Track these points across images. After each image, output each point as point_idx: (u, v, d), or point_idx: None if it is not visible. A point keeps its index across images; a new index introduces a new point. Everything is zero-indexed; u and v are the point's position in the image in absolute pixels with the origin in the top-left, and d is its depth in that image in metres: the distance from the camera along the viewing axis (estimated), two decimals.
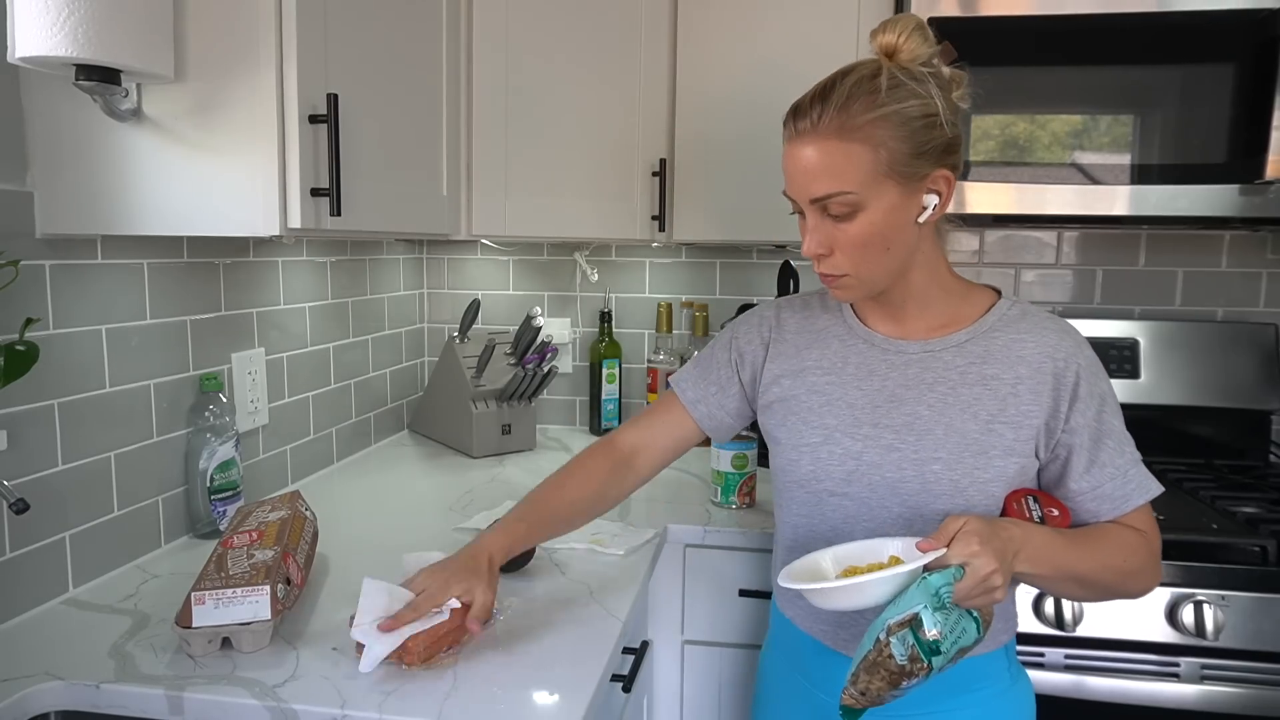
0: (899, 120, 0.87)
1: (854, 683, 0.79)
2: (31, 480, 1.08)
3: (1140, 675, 1.32)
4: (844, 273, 0.93)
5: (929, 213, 0.92)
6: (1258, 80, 1.43)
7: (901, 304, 1.00)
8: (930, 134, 0.88)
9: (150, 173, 1.03)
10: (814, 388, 1.02)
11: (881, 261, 0.92)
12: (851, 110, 0.86)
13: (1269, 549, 1.32)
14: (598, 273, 2.13)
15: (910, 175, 0.89)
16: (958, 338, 0.98)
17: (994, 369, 0.96)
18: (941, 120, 0.89)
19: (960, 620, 0.78)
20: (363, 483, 1.69)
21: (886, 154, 0.87)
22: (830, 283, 0.96)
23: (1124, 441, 0.96)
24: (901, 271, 0.96)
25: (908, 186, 0.89)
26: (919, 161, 0.88)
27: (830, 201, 0.89)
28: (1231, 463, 1.79)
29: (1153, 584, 0.96)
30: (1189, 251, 1.91)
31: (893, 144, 0.87)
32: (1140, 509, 0.96)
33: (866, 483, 0.97)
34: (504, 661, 0.96)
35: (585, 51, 1.62)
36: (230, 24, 0.99)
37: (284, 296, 1.60)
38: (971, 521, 0.81)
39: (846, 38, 1.63)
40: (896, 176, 0.88)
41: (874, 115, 0.86)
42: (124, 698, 0.90)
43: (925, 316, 1.00)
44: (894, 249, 0.92)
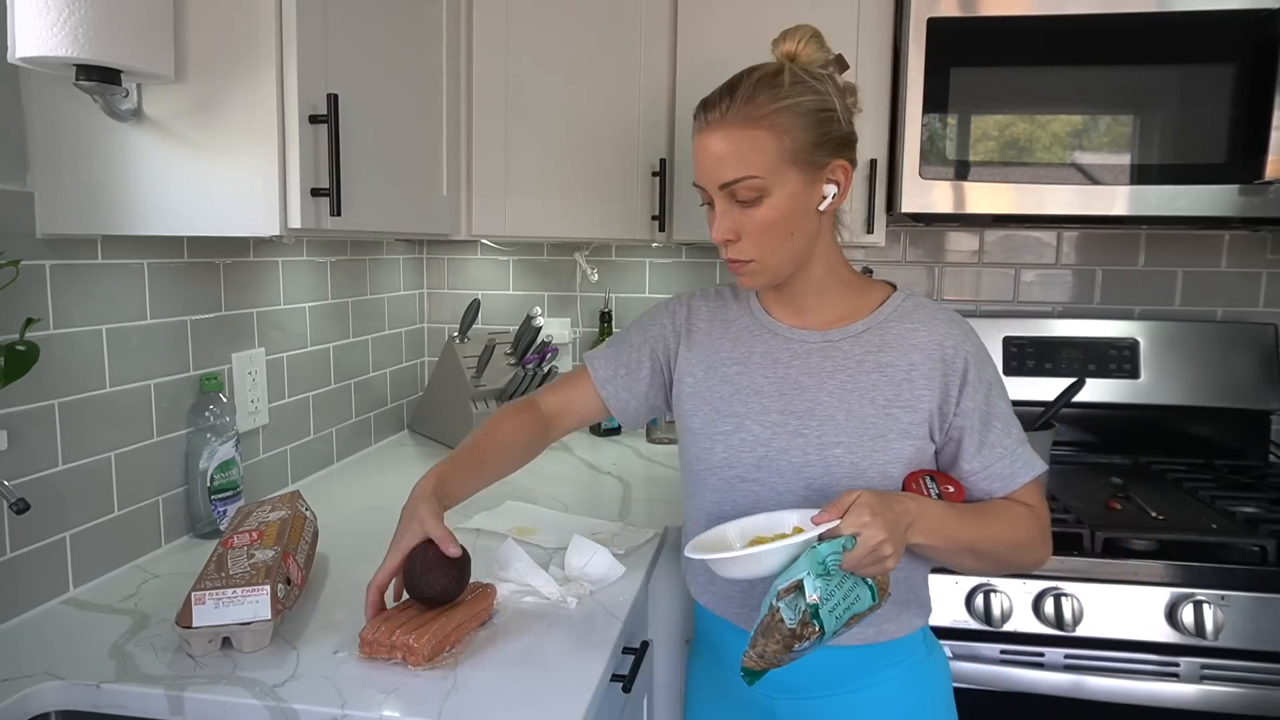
0: (800, 111, 0.93)
1: (752, 646, 0.84)
2: (31, 480, 1.08)
3: (1140, 675, 1.32)
4: (750, 258, 0.98)
5: (829, 201, 0.98)
6: (1258, 80, 1.43)
7: (802, 296, 1.05)
8: (829, 126, 0.95)
9: (150, 173, 1.03)
10: (725, 378, 1.07)
11: (785, 247, 0.98)
12: (757, 101, 0.93)
13: (1269, 549, 1.32)
14: (598, 273, 2.13)
15: (811, 164, 0.95)
16: (855, 328, 1.03)
17: (889, 356, 1.00)
18: (838, 115, 0.96)
19: (854, 588, 0.83)
20: (363, 483, 1.69)
21: (790, 141, 0.93)
22: (737, 269, 1.00)
23: (1010, 423, 1.01)
24: (803, 259, 1.01)
25: (809, 174, 0.95)
26: (819, 151, 0.95)
27: (738, 186, 0.94)
28: (1231, 463, 1.79)
29: (1044, 557, 1.01)
30: (1189, 251, 1.91)
31: (796, 132, 0.93)
32: (1028, 486, 1.00)
33: (774, 468, 1.02)
34: (504, 661, 0.97)
35: (585, 51, 1.62)
36: (230, 24, 0.99)
37: (284, 296, 1.60)
38: (865, 495, 0.86)
39: (847, 37, 1.63)
40: (799, 164, 0.94)
41: (778, 105, 0.93)
42: (124, 698, 0.90)
43: (824, 309, 1.05)
44: (796, 235, 0.97)
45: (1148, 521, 1.43)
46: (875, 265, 2.00)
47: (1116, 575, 1.33)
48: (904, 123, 1.56)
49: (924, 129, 1.55)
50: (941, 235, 1.99)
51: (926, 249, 2.00)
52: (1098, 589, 1.33)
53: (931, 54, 1.53)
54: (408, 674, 0.93)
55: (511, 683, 0.92)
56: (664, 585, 1.47)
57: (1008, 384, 1.84)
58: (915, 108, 1.54)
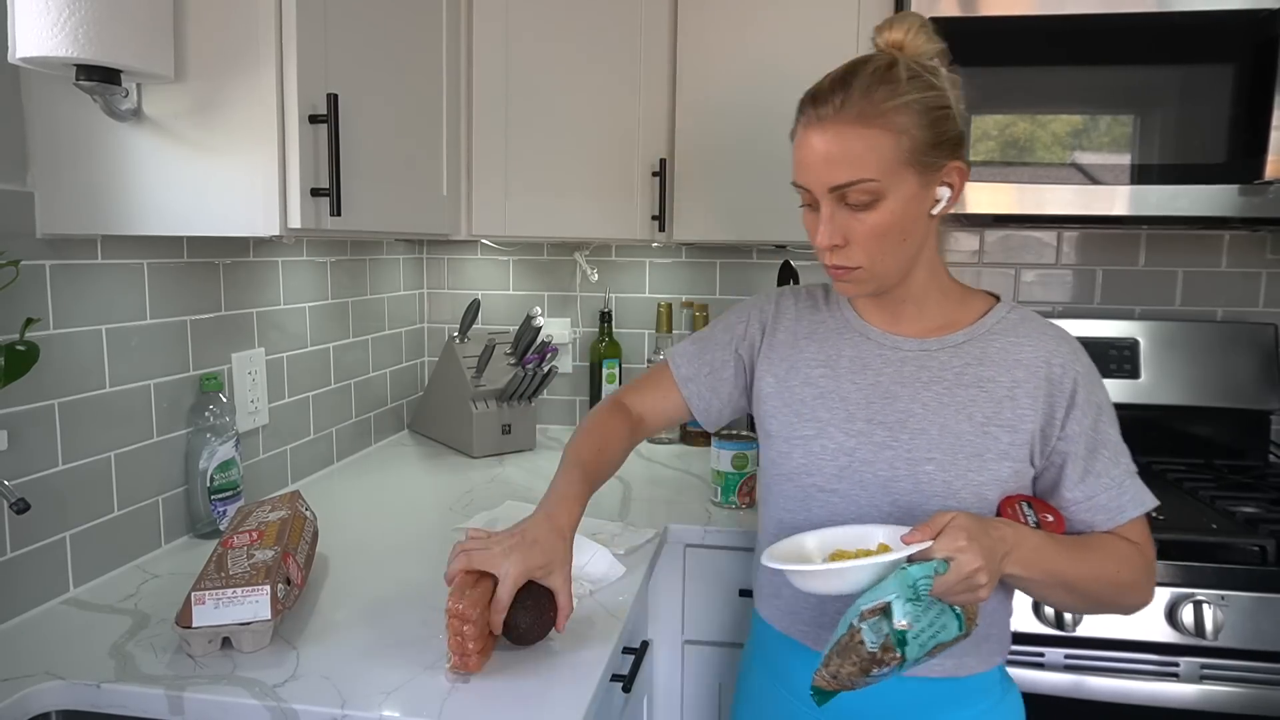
0: (920, 108, 0.87)
1: (826, 664, 0.78)
2: (31, 480, 1.08)
3: (1140, 675, 1.32)
4: (858, 264, 0.92)
5: (942, 204, 0.92)
6: (1258, 80, 1.43)
7: (900, 303, 0.99)
8: (945, 125, 0.89)
9: (150, 173, 1.03)
10: (808, 380, 1.02)
11: (897, 252, 0.91)
12: (875, 97, 0.86)
13: (1269, 549, 1.32)
14: (598, 273, 2.13)
15: (928, 165, 0.89)
16: (954, 339, 0.98)
17: (990, 371, 0.95)
18: (953, 113, 0.90)
19: (941, 615, 0.77)
20: (363, 483, 1.69)
21: (908, 141, 0.87)
22: (841, 275, 0.93)
23: (1120, 452, 0.95)
24: (911, 267, 0.95)
25: (925, 177, 0.89)
26: (936, 152, 0.89)
27: (851, 189, 0.88)
28: (1231, 463, 1.79)
29: (1146, 599, 0.95)
30: (1189, 251, 1.91)
31: (914, 131, 0.87)
32: (1135, 521, 0.95)
33: (858, 480, 0.96)
34: (504, 661, 0.96)
35: (585, 52, 1.62)
36: (230, 24, 0.99)
37: (284, 296, 1.60)
38: (961, 517, 0.80)
39: (847, 37, 1.63)
40: (917, 165, 0.88)
41: (897, 102, 0.86)
42: (124, 698, 0.90)
43: (922, 318, 1.00)
44: (909, 240, 0.91)
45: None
46: None
47: None
48: None
49: None
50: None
51: None
52: None
53: None
54: (407, 674, 0.93)
55: (511, 682, 0.92)
56: (664, 585, 1.47)
57: None
58: None
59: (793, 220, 1.65)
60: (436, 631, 1.03)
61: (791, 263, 1.84)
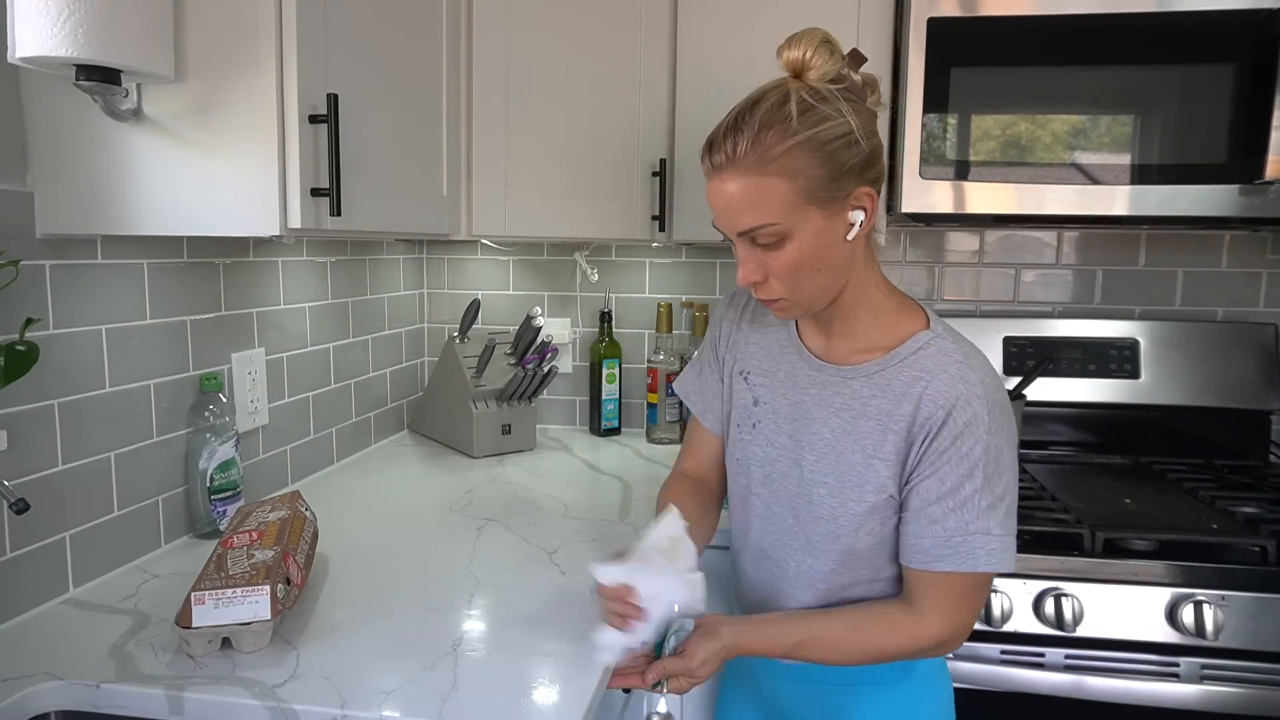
0: (814, 146, 0.86)
1: None
2: (31, 480, 1.08)
3: (1140, 675, 1.32)
4: (779, 296, 0.95)
5: (856, 229, 0.92)
6: (1258, 80, 1.43)
7: (829, 322, 1.02)
8: (847, 153, 0.88)
9: (150, 173, 1.03)
10: (752, 385, 1.08)
11: (814, 282, 0.93)
12: (765, 142, 0.86)
13: (1269, 549, 1.32)
14: (598, 273, 2.13)
15: (831, 199, 0.89)
16: (870, 367, 0.98)
17: (889, 404, 0.95)
18: (857, 137, 0.89)
19: None
20: (363, 483, 1.69)
21: (805, 182, 0.87)
22: (770, 306, 0.97)
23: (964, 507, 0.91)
24: (836, 289, 0.97)
25: (830, 209, 0.89)
26: (838, 184, 0.88)
27: (757, 233, 0.90)
28: (1231, 463, 1.79)
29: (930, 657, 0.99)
30: (1189, 251, 1.91)
31: (810, 171, 0.86)
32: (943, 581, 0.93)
33: (775, 490, 1.04)
34: (504, 661, 0.97)
35: (585, 51, 1.62)
36: (230, 24, 0.99)
37: (284, 296, 1.60)
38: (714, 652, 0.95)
39: (847, 37, 1.62)
40: (817, 202, 0.88)
41: (788, 145, 0.86)
42: (124, 698, 0.90)
43: (850, 338, 1.01)
44: (825, 270, 0.93)
45: (1148, 521, 1.43)
46: None
47: (1116, 575, 1.33)
48: (904, 123, 1.56)
49: (924, 129, 1.55)
50: (942, 235, 1.99)
51: (927, 249, 2.00)
52: (1098, 589, 1.33)
53: (931, 54, 1.53)
54: (407, 674, 0.93)
55: (511, 682, 0.92)
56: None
57: (1008, 384, 1.84)
58: (915, 108, 1.54)
59: None
60: (437, 632, 1.03)
61: None
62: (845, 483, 0.97)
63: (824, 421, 1.00)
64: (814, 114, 0.87)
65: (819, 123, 0.87)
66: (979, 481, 0.91)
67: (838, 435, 0.98)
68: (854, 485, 0.97)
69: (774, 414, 1.04)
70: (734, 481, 1.11)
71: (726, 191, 0.89)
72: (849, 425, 0.98)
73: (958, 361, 0.94)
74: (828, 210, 0.89)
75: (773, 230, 0.89)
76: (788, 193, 0.87)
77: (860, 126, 0.89)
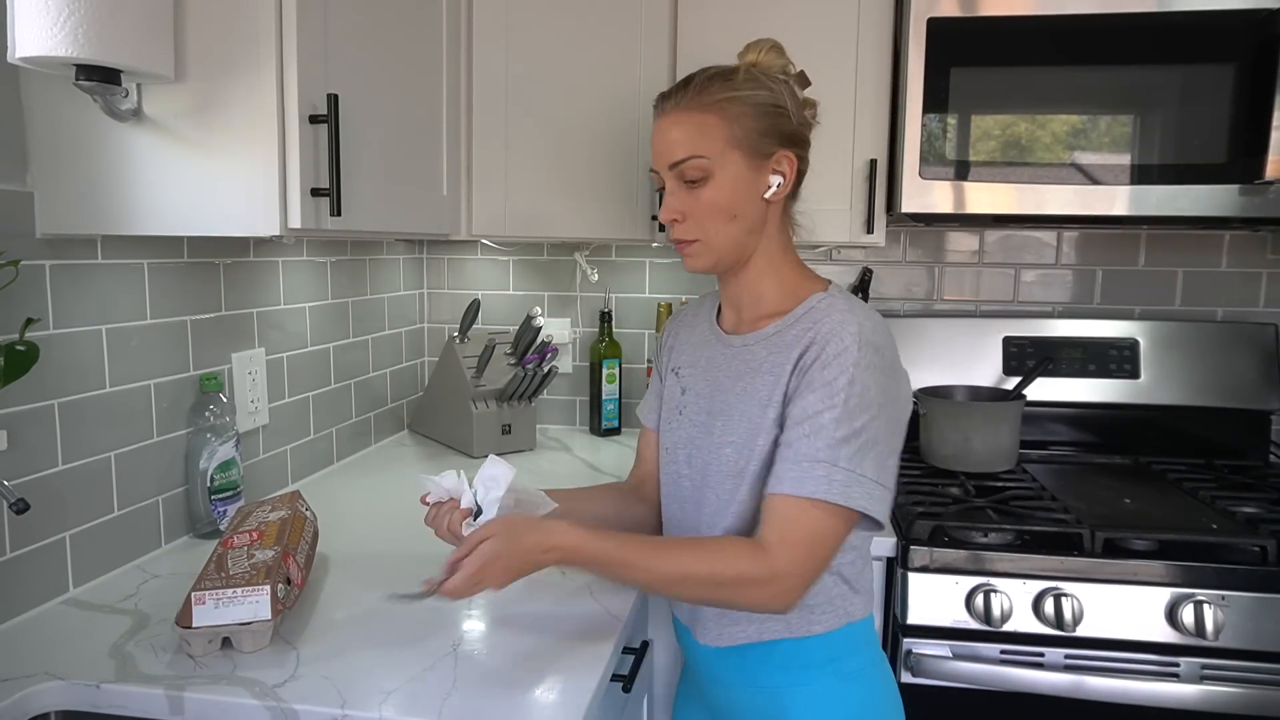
0: (750, 102, 0.98)
1: None
2: (31, 480, 1.08)
3: (1140, 675, 1.32)
4: (694, 238, 1.01)
5: (773, 190, 1.01)
6: (1258, 80, 1.43)
7: (739, 293, 1.07)
8: (777, 120, 0.99)
9: (150, 173, 1.03)
10: (683, 376, 1.13)
11: (727, 229, 1.00)
12: (709, 90, 0.99)
13: (1269, 549, 1.32)
14: (598, 273, 2.13)
15: (756, 151, 0.99)
16: (766, 331, 1.04)
17: (782, 357, 1.00)
18: (789, 113, 1.00)
19: None
20: (363, 483, 1.69)
21: (737, 127, 0.98)
22: (682, 249, 1.03)
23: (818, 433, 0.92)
24: (746, 249, 1.03)
25: (754, 161, 0.99)
26: (765, 140, 0.99)
27: (685, 165, 0.98)
28: (1231, 463, 1.79)
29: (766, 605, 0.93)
30: (1189, 251, 1.91)
31: (744, 120, 0.98)
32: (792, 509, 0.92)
33: (697, 465, 1.07)
34: (504, 661, 0.97)
35: (585, 51, 1.62)
36: (230, 24, 0.99)
37: (284, 296, 1.60)
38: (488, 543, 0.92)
39: (846, 37, 1.63)
40: (744, 149, 0.98)
41: (727, 95, 0.98)
42: (124, 698, 0.90)
43: (758, 306, 1.06)
44: (739, 219, 1.00)
45: (1148, 521, 1.43)
46: (875, 265, 2.00)
47: (1116, 575, 1.33)
48: (904, 123, 1.56)
49: (924, 129, 1.55)
50: (941, 235, 1.99)
51: (926, 249, 2.00)
52: (1098, 589, 1.33)
53: (931, 54, 1.53)
54: (407, 674, 0.93)
55: (511, 682, 0.92)
56: None
57: (1008, 384, 1.84)
58: (915, 108, 1.54)
59: None
60: (437, 631, 1.03)
61: None
62: (752, 439, 1.00)
63: (730, 388, 1.04)
64: (755, 82, 0.99)
65: (757, 89, 0.99)
66: (837, 411, 0.92)
67: (740, 398, 1.02)
68: (752, 435, 1.00)
69: (697, 397, 1.09)
70: (664, 473, 1.14)
71: (668, 125, 1.00)
72: (749, 386, 1.02)
73: (842, 310, 0.99)
74: (751, 161, 0.99)
75: (699, 164, 0.98)
76: (720, 131, 0.97)
77: (795, 110, 1.01)
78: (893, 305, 2.02)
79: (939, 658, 1.35)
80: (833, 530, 0.93)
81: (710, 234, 1.01)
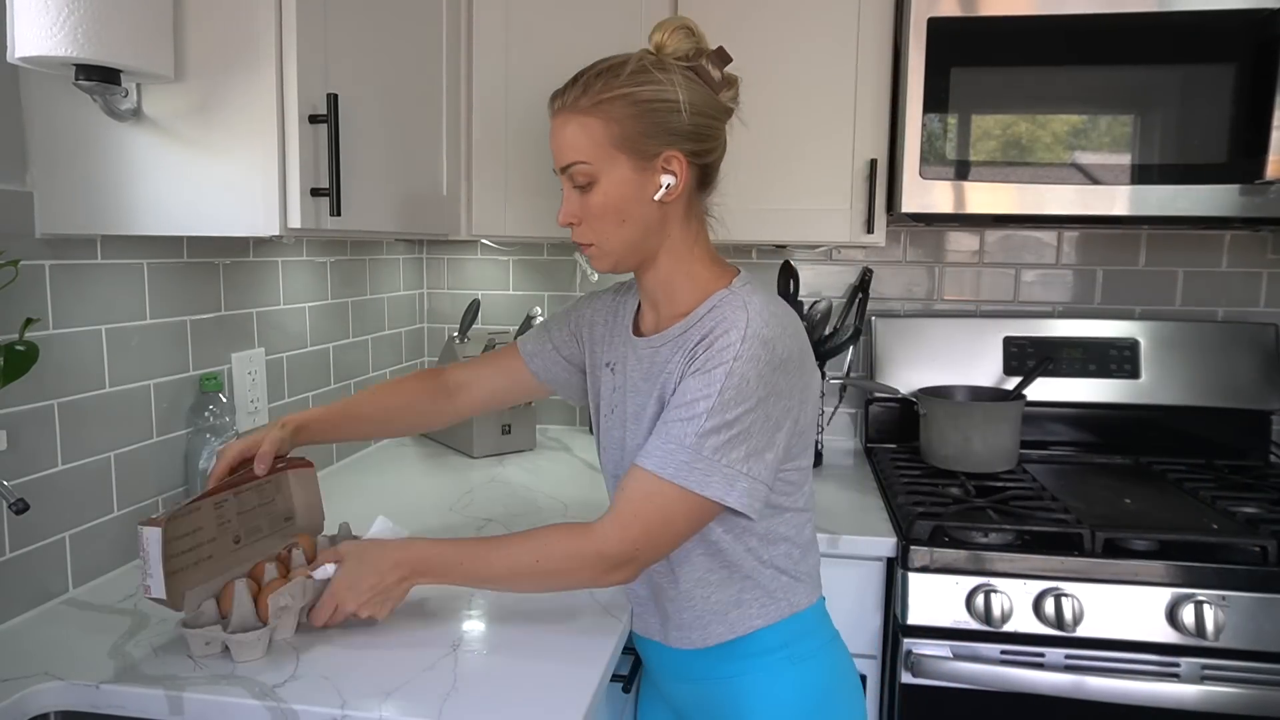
0: (633, 100, 0.94)
1: None
2: (31, 480, 1.08)
3: (1140, 675, 1.32)
4: (589, 241, 1.00)
5: (663, 191, 0.97)
6: (1258, 80, 1.43)
7: (653, 293, 1.05)
8: (665, 118, 0.95)
9: (150, 173, 1.03)
10: (602, 380, 1.12)
11: (618, 233, 0.98)
12: (593, 89, 0.95)
13: (1269, 549, 1.32)
14: (597, 273, 2.13)
15: (641, 153, 0.95)
16: (671, 331, 1.01)
17: (683, 356, 0.98)
18: (681, 108, 0.95)
19: None
20: (363, 483, 1.69)
21: (619, 129, 0.94)
22: (583, 251, 1.02)
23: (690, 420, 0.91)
24: (646, 250, 1.01)
25: (639, 163, 0.96)
26: (650, 141, 0.95)
27: (572, 170, 0.97)
28: (1231, 463, 1.79)
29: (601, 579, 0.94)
30: (1189, 251, 1.91)
31: (625, 121, 0.94)
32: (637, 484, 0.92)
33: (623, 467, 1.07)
34: (504, 661, 0.97)
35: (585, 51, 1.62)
36: (230, 24, 0.99)
37: (284, 296, 1.60)
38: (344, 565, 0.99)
39: (847, 37, 1.63)
40: (627, 151, 0.95)
41: (610, 95, 0.94)
42: (124, 698, 0.90)
43: (673, 306, 1.04)
44: (629, 223, 0.98)
45: (1148, 521, 1.43)
46: (875, 265, 2.00)
47: (1117, 575, 1.33)
48: (904, 123, 1.56)
49: (924, 129, 1.55)
50: (942, 235, 1.99)
51: (927, 249, 2.00)
52: (1098, 589, 1.33)
53: (931, 54, 1.53)
54: (407, 674, 0.93)
55: (511, 682, 0.92)
56: None
57: (1008, 384, 1.84)
58: (915, 108, 1.54)
59: (793, 221, 1.65)
60: (437, 631, 1.03)
61: (791, 263, 1.84)
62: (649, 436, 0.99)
63: (637, 391, 1.04)
64: (644, 75, 0.95)
65: (644, 84, 0.94)
66: (712, 401, 0.91)
67: (645, 401, 1.02)
68: None
69: (622, 399, 1.07)
70: (603, 467, 1.14)
71: (555, 127, 0.98)
72: (653, 389, 1.01)
73: (739, 306, 0.95)
74: (637, 163, 0.95)
75: (584, 169, 0.96)
76: (601, 135, 0.94)
77: (688, 101, 0.95)
78: (893, 305, 2.02)
79: (939, 658, 1.35)
80: (683, 515, 0.92)
81: (603, 238, 0.99)
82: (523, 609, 1.10)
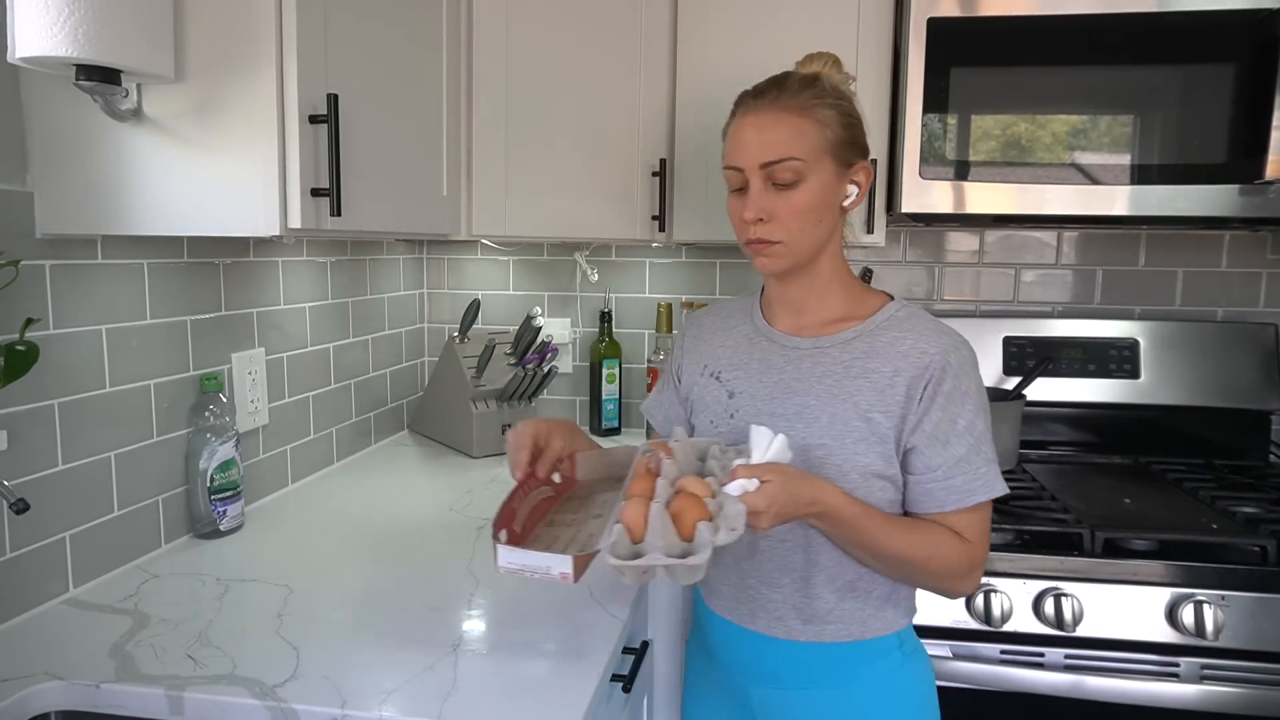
0: (840, 111, 1.01)
1: None
2: (31, 480, 1.08)
3: (1140, 675, 1.32)
4: (778, 239, 1.01)
5: (850, 200, 1.04)
6: (1258, 80, 1.43)
7: (805, 296, 1.08)
8: (858, 133, 1.03)
9: (150, 173, 1.03)
10: (725, 382, 1.11)
11: (812, 233, 1.02)
12: (803, 96, 1.00)
13: (1269, 549, 1.32)
14: (598, 273, 2.13)
15: (842, 160, 1.01)
16: (845, 335, 1.05)
17: (875, 363, 1.02)
18: (862, 127, 1.04)
19: None
20: (363, 483, 1.69)
21: (831, 135, 1.00)
22: (761, 249, 1.02)
23: (982, 440, 1.00)
24: (819, 252, 1.05)
25: (839, 169, 1.01)
26: (849, 150, 1.02)
27: (779, 167, 0.98)
28: (1231, 463, 1.79)
29: (963, 590, 1.03)
30: (1189, 251, 1.91)
31: (835, 127, 1.00)
32: (965, 514, 0.99)
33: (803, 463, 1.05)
34: (504, 661, 0.97)
35: (585, 51, 1.62)
36: (230, 24, 0.99)
37: (284, 296, 1.60)
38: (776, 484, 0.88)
39: (847, 37, 1.63)
40: (834, 156, 1.00)
41: (820, 102, 1.00)
42: (124, 698, 0.90)
43: (823, 311, 1.07)
44: (822, 224, 1.02)
45: (1147, 521, 1.43)
46: (875, 265, 2.00)
47: (1116, 575, 1.33)
48: (904, 123, 1.56)
49: (924, 129, 1.55)
50: (941, 235, 1.99)
51: (926, 249, 2.00)
52: (1098, 589, 1.33)
53: (931, 54, 1.53)
54: (407, 674, 0.93)
55: (511, 682, 0.92)
56: (664, 585, 1.47)
57: (1008, 384, 1.84)
58: (915, 108, 1.54)
59: None
60: (437, 632, 1.03)
61: None
62: (844, 439, 1.00)
63: (807, 391, 1.04)
64: (839, 93, 1.02)
65: (843, 98, 1.02)
66: (984, 416, 1.01)
67: (825, 400, 1.02)
68: (855, 440, 1.00)
69: (752, 399, 1.07)
70: None
71: (762, 124, 1.00)
72: (835, 388, 1.02)
73: (930, 319, 1.04)
74: (838, 169, 1.01)
75: (795, 166, 0.98)
76: (817, 137, 0.99)
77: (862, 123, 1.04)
78: None
79: (939, 658, 1.35)
80: (990, 516, 1.03)
81: (796, 237, 1.01)
82: (523, 609, 1.10)
